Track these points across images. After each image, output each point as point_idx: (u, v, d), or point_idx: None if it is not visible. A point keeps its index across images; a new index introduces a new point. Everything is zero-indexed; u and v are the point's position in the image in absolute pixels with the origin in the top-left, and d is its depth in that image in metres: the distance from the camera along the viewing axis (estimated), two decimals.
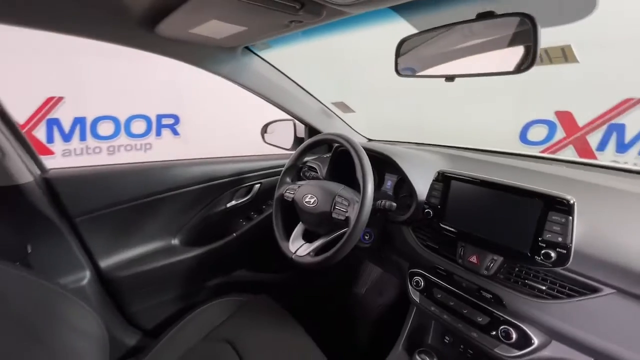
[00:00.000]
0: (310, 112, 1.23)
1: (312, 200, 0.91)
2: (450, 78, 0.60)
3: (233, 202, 1.24)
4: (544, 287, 0.64)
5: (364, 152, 0.84)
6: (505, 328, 0.66)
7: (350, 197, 0.87)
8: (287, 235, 0.97)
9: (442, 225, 0.79)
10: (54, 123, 2.83)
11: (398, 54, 0.66)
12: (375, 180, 1.00)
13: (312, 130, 1.26)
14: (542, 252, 0.61)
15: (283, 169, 1.03)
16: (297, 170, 1.06)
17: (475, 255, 0.74)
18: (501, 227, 0.70)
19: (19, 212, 0.81)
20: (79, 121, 2.93)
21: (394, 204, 0.90)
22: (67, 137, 2.91)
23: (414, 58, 0.66)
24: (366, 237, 0.98)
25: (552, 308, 0.62)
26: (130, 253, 1.04)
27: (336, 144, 1.04)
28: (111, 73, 2.78)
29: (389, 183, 1.07)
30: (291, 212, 0.98)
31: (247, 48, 0.94)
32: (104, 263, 0.99)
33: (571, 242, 0.59)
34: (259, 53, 0.98)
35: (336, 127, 1.31)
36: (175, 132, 3.42)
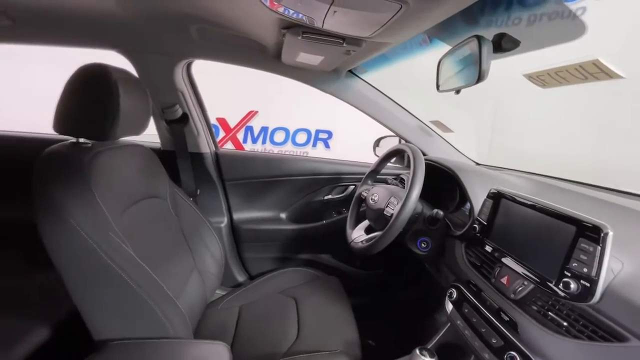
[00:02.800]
0: (408, 129, 1.35)
1: (375, 198, 1.06)
2: (457, 91, 0.65)
3: (330, 196, 1.51)
4: (565, 323, 0.57)
5: (421, 162, 0.93)
6: (512, 354, 0.62)
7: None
8: (354, 226, 1.15)
9: (485, 241, 0.79)
10: (249, 129, 3.93)
11: (438, 72, 0.75)
12: (456, 199, 1.06)
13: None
14: (563, 280, 0.56)
15: (366, 173, 1.22)
16: (376, 175, 1.22)
17: (507, 276, 0.71)
18: (537, 252, 0.66)
19: (198, 169, 1.35)
20: (264, 129, 3.95)
21: (441, 213, 0.93)
22: (254, 140, 3.97)
23: (447, 73, 0.73)
24: (423, 245, 1.03)
25: (567, 346, 0.55)
26: (252, 214, 1.48)
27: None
28: (287, 94, 3.63)
29: (468, 205, 1.07)
30: (363, 209, 1.16)
31: (350, 71, 1.20)
32: (236, 216, 1.45)
33: (597, 276, 0.52)
34: (360, 75, 1.22)
35: (436, 146, 1.37)
36: (327, 145, 4.07)
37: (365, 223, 1.14)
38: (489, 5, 0.61)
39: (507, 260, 0.71)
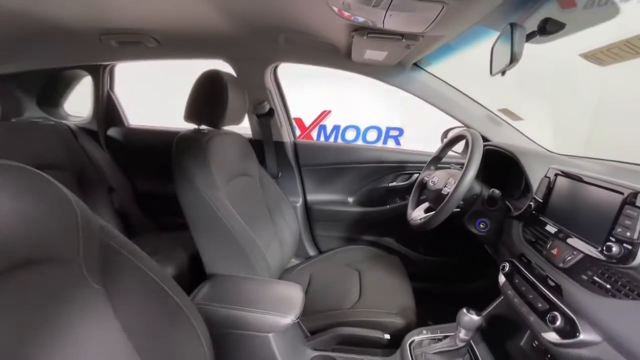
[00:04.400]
0: (474, 117, 1.38)
1: (435, 180, 1.15)
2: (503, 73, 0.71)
3: (394, 183, 1.61)
4: (608, 285, 0.60)
5: (479, 144, 0.98)
6: (553, 313, 0.67)
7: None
8: (414, 207, 1.25)
9: (540, 218, 0.83)
10: (322, 128, 4.19)
11: (491, 58, 0.81)
12: (522, 185, 1.08)
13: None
14: (606, 244, 0.60)
15: (430, 158, 1.30)
16: (439, 161, 1.29)
17: (557, 248, 0.74)
18: (588, 223, 0.69)
19: (280, 155, 1.60)
20: (336, 128, 4.16)
21: (498, 192, 0.97)
22: (327, 138, 4.21)
23: (495, 59, 0.78)
24: (481, 226, 1.07)
25: (608, 305, 0.59)
26: (323, 197, 1.67)
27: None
28: (358, 94, 3.77)
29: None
30: (424, 197, 1.25)
31: (415, 64, 1.30)
32: (309, 197, 1.66)
33: (639, 239, 0.56)
34: (425, 67, 1.31)
35: (505, 134, 1.37)
36: (398, 142, 4.10)
37: (425, 205, 1.23)
38: None
39: (559, 233, 0.75)
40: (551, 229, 0.78)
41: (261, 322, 0.81)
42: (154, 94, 3.43)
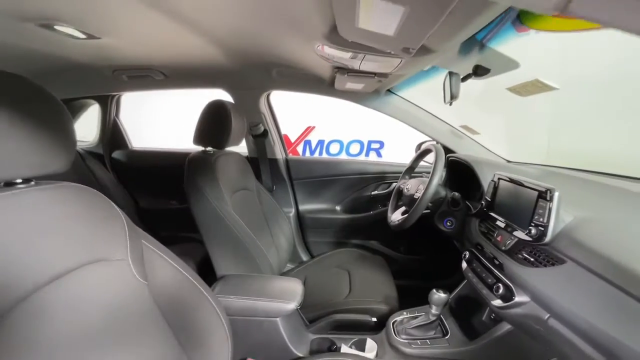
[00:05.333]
0: (440, 133, 1.62)
1: (408, 187, 1.36)
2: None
3: (376, 192, 1.82)
4: (532, 259, 0.82)
5: (441, 155, 1.21)
6: (497, 284, 0.87)
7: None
8: (393, 211, 1.46)
9: (490, 214, 1.05)
10: (307, 143, 4.40)
11: (444, 89, 1.04)
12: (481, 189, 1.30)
13: (445, 148, 1.64)
14: (529, 228, 0.82)
15: (404, 169, 1.52)
16: (412, 171, 1.51)
17: (501, 235, 0.96)
18: (519, 215, 0.90)
19: (274, 170, 1.79)
20: (320, 142, 4.39)
21: (459, 195, 1.20)
22: (312, 153, 4.42)
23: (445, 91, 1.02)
24: (448, 224, 1.29)
25: (531, 273, 0.80)
26: (313, 206, 1.86)
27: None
28: (341, 110, 4.03)
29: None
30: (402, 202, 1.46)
31: (388, 90, 1.54)
32: (301, 207, 1.85)
33: (547, 222, 0.78)
34: (397, 92, 1.55)
35: (466, 146, 1.61)
36: (379, 155, 4.36)
37: (402, 208, 1.44)
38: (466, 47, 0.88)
39: (501, 224, 0.97)
40: (498, 222, 1.00)
41: (269, 309, 0.98)
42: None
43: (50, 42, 1.12)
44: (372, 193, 1.83)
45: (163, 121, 3.09)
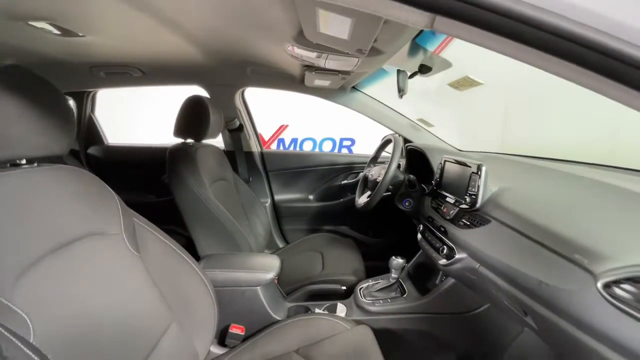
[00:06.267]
0: (401, 126, 1.81)
1: (372, 173, 1.53)
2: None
3: (345, 181, 1.99)
4: (468, 223, 1.00)
5: (399, 144, 1.38)
6: (442, 247, 1.05)
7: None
8: (360, 195, 1.62)
9: (439, 191, 1.23)
10: (281, 141, 4.51)
11: (397, 85, 1.22)
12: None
13: (405, 139, 1.83)
14: (464, 198, 1.00)
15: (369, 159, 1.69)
16: (376, 160, 1.69)
17: (446, 207, 1.14)
18: (460, 188, 1.09)
19: (250, 163, 1.90)
20: (294, 140, 4.52)
21: (414, 177, 1.38)
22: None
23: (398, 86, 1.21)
24: (407, 204, 1.47)
25: (466, 234, 0.98)
26: (288, 196, 1.99)
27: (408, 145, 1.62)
28: (314, 108, 4.18)
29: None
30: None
31: (353, 87, 1.70)
32: (276, 197, 1.97)
33: (477, 191, 0.96)
34: (361, 89, 1.72)
35: (423, 138, 1.81)
36: (350, 151, 4.55)
37: (368, 192, 1.61)
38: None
39: (446, 196, 1.15)
40: (448, 198, 1.18)
41: (250, 279, 1.10)
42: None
43: (29, 38, 1.16)
44: (342, 182, 1.99)
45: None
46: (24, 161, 0.67)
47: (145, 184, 1.96)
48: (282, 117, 4.37)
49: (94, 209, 0.72)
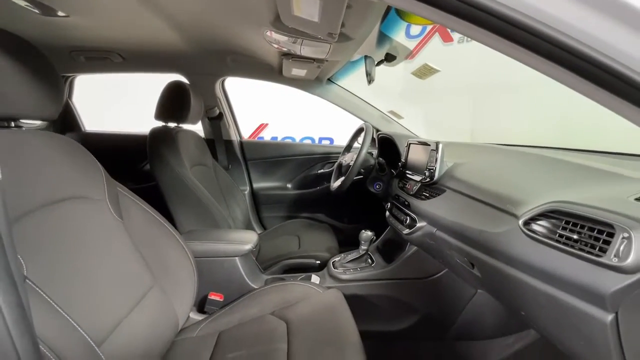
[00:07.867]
0: (373, 117, 1.93)
1: (346, 159, 1.63)
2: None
3: (322, 170, 2.08)
4: (428, 195, 1.12)
5: (369, 132, 1.49)
6: (406, 218, 1.17)
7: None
8: (335, 180, 1.72)
9: (404, 172, 1.35)
10: (260, 139, 4.56)
11: (366, 74, 1.34)
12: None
13: (376, 130, 1.96)
14: (424, 173, 1.12)
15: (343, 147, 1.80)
16: (350, 148, 1.79)
17: (410, 184, 1.26)
18: (421, 165, 1.21)
19: (229, 151, 1.96)
20: (274, 139, 4.57)
21: (383, 160, 1.50)
22: None
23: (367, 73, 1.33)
24: (377, 187, 1.58)
25: (425, 204, 1.10)
26: (266, 184, 2.07)
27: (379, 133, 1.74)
28: (293, 107, 4.27)
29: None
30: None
31: (329, 80, 1.81)
32: (255, 185, 2.04)
33: (434, 165, 1.08)
34: (336, 82, 1.83)
35: (394, 128, 1.94)
36: None
37: (342, 177, 1.71)
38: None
39: (410, 175, 1.27)
40: (413, 177, 1.30)
41: (229, 249, 1.16)
42: None
43: (7, 17, 1.17)
44: (319, 171, 2.09)
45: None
46: (12, 124, 0.72)
47: (124, 171, 1.96)
48: (262, 116, 4.43)
49: (80, 174, 0.77)
